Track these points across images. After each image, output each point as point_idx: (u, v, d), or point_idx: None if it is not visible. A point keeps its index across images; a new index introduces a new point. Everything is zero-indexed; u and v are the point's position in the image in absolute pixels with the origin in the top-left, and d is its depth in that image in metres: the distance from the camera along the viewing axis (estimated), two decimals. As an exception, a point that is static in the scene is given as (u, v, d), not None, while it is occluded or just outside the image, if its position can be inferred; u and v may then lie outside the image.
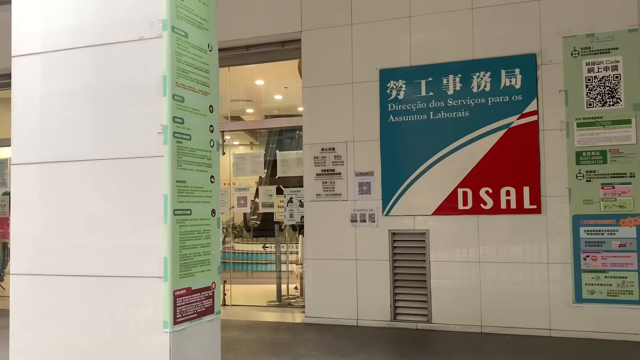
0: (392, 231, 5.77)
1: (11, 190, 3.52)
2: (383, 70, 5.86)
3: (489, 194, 5.44)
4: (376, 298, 5.80)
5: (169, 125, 3.15)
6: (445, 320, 5.56)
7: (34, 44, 3.53)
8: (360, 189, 5.89)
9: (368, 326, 5.78)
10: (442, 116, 5.63)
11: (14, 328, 3.47)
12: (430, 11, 5.73)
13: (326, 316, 5.97)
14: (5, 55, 7.65)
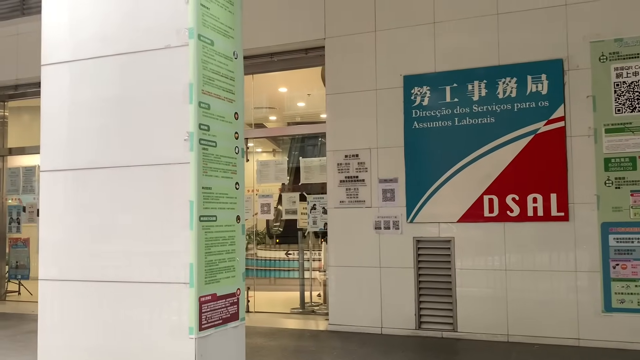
0: (417, 238, 5.73)
1: (40, 196, 3.57)
2: (407, 77, 5.84)
3: (515, 201, 5.38)
4: (400, 306, 5.75)
5: (195, 132, 3.17)
6: (471, 329, 5.49)
7: (62, 52, 3.59)
8: (384, 196, 5.86)
9: (392, 334, 5.73)
10: (467, 122, 5.58)
11: (41, 332, 3.51)
12: (455, 17, 5.70)
13: (350, 324, 5.93)
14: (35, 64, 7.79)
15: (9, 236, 8.60)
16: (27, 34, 7.83)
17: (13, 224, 8.51)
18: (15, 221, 8.50)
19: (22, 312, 7.52)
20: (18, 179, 8.50)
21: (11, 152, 8.76)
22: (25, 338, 5.79)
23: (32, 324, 6.56)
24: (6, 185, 8.63)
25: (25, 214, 8.45)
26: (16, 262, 8.47)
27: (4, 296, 8.61)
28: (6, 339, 5.75)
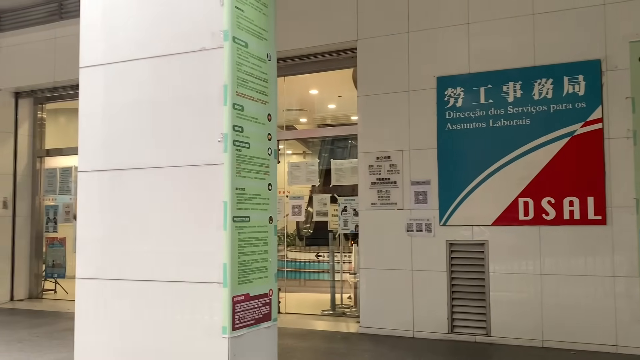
0: (450, 241, 5.67)
1: (78, 196, 3.63)
2: (441, 78, 5.79)
3: (551, 204, 5.28)
4: (433, 309, 5.70)
5: (229, 134, 3.20)
6: (505, 334, 5.41)
7: (99, 55, 3.65)
8: (417, 198, 5.81)
9: (424, 338, 5.68)
10: (502, 124, 5.51)
11: (78, 330, 3.56)
12: (489, 18, 5.63)
13: (381, 326, 5.90)
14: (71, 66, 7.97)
15: (46, 235, 8.78)
16: (64, 37, 7.99)
17: (50, 223, 8.70)
18: (52, 221, 8.68)
19: (58, 310, 7.68)
20: (55, 180, 8.69)
21: (49, 153, 8.95)
22: (61, 336, 5.91)
23: (68, 322, 6.69)
24: (43, 185, 8.82)
25: (61, 214, 8.63)
26: (53, 261, 8.65)
27: (41, 294, 8.80)
28: (43, 337, 5.87)
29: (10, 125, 8.65)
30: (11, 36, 8.31)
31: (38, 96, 8.79)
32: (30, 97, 8.81)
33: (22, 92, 8.74)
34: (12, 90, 8.66)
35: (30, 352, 5.19)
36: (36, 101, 8.90)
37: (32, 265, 8.76)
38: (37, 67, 8.27)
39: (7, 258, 8.49)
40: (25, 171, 8.75)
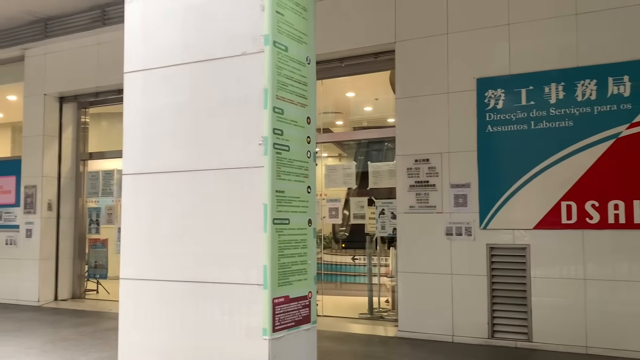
0: (490, 245, 5.59)
1: (122, 199, 3.71)
2: (481, 80, 5.72)
3: (595, 207, 5.16)
4: (472, 314, 5.62)
5: (269, 137, 3.22)
6: (547, 339, 5.30)
7: (142, 60, 3.72)
8: (456, 201, 5.75)
9: (464, 342, 5.61)
10: (543, 126, 5.41)
11: (122, 330, 3.64)
12: (530, 18, 5.54)
13: (420, 331, 5.85)
14: (114, 71, 8.16)
15: (88, 237, 8.99)
16: (107, 43, 8.19)
17: (92, 225, 8.90)
18: (94, 222, 8.88)
19: (101, 310, 7.85)
20: (97, 182, 8.89)
21: (91, 157, 9.16)
22: (104, 335, 6.03)
23: (110, 321, 6.85)
24: (87, 188, 9.04)
25: (104, 216, 8.82)
26: (95, 262, 8.85)
27: (84, 294, 9.01)
28: (87, 336, 6.01)
29: (55, 129, 8.89)
30: (56, 42, 8.54)
31: (81, 101, 9.01)
32: (74, 102, 9.03)
33: (67, 97, 8.97)
34: (57, 95, 8.89)
35: (74, 350, 5.31)
36: (80, 106, 9.12)
37: (75, 266, 8.98)
38: (81, 72, 8.48)
39: (52, 259, 8.72)
40: (69, 174, 8.98)
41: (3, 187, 9.18)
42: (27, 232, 8.66)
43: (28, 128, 8.85)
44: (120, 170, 8.45)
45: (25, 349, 5.36)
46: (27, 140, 8.82)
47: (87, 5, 7.94)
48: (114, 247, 8.59)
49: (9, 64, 9.32)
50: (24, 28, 8.59)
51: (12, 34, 8.72)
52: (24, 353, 5.19)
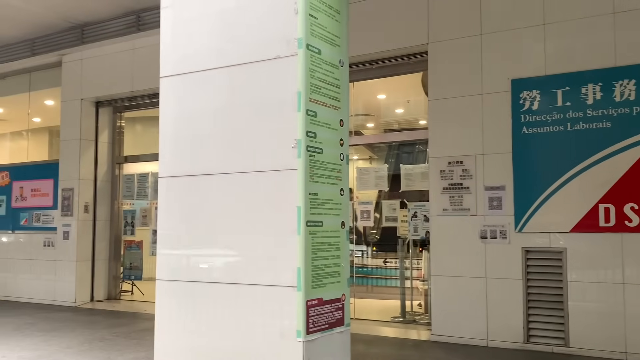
0: (526, 249, 5.50)
1: (158, 201, 3.76)
2: (515, 80, 5.64)
3: (634, 210, 5.03)
4: (507, 318, 5.54)
5: (303, 140, 3.23)
6: (585, 345, 5.19)
7: (178, 65, 3.77)
8: (491, 204, 5.68)
9: (498, 347, 5.53)
10: (580, 127, 5.31)
11: (158, 330, 3.68)
12: (566, 18, 5.45)
13: (453, 335, 5.79)
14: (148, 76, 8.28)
15: (124, 239, 9.14)
16: (141, 48, 8.33)
17: (128, 227, 9.05)
18: (129, 225, 9.03)
19: (136, 311, 7.97)
20: (133, 185, 9.03)
21: (127, 160, 9.32)
22: (139, 336, 6.12)
23: (145, 322, 6.95)
24: (122, 191, 9.19)
25: (139, 218, 8.96)
26: (130, 264, 8.99)
27: (119, 295, 9.15)
28: (122, 336, 6.10)
29: (92, 133, 9.07)
30: (92, 48, 8.72)
31: (117, 105, 9.18)
32: (110, 106, 9.20)
33: (102, 102, 9.14)
34: (93, 99, 9.07)
35: (110, 350, 5.40)
36: (115, 110, 9.29)
37: (111, 267, 9.14)
38: (116, 77, 8.64)
39: (88, 260, 8.89)
40: (105, 177, 9.15)
41: (41, 190, 9.40)
42: (64, 234, 8.84)
43: (65, 132, 9.04)
44: (154, 173, 8.65)
45: (64, 349, 5.47)
46: (65, 144, 9.01)
47: (122, 12, 8.09)
48: (149, 249, 8.73)
49: (47, 69, 9.55)
50: (61, 34, 8.80)
51: (50, 41, 8.94)
52: (62, 352, 5.30)
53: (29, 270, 9.23)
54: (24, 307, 8.38)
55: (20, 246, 9.45)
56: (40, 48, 9.07)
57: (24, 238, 9.45)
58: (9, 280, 9.44)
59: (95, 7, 7.87)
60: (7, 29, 8.65)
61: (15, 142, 11.84)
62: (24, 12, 7.97)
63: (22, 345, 5.60)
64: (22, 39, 9.13)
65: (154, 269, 3.79)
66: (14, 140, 11.92)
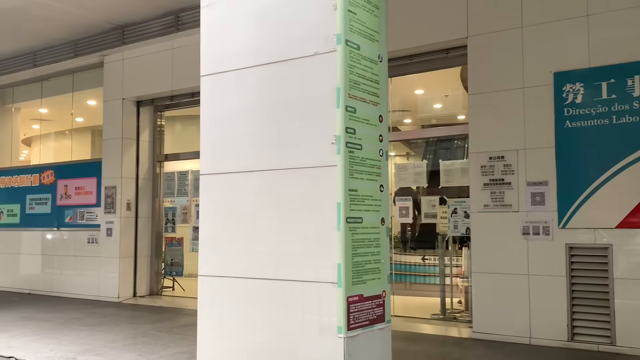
0: (570, 245, 5.38)
1: (200, 198, 3.81)
2: (558, 73, 5.51)
3: (684, 205, 4.88)
4: (551, 316, 5.43)
5: (342, 136, 3.23)
6: (632, 344, 5.05)
7: (218, 64, 3.80)
8: (533, 200, 5.57)
9: (542, 345, 5.42)
10: (626, 120, 5.16)
11: (200, 326, 3.73)
12: (611, 8, 5.29)
13: (495, 332, 5.70)
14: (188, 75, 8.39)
15: (165, 236, 9.30)
16: (181, 48, 8.44)
17: (169, 224, 9.20)
18: (170, 222, 9.18)
19: (177, 307, 8.10)
20: (173, 183, 9.17)
21: (167, 158, 9.47)
22: (181, 331, 6.22)
23: (187, 318, 7.05)
24: (163, 188, 9.35)
25: (179, 215, 9.10)
26: (171, 260, 9.14)
27: (160, 291, 9.32)
28: (164, 332, 6.21)
29: (133, 132, 9.24)
30: (133, 48, 8.88)
31: (157, 104, 9.32)
32: (151, 106, 9.36)
33: (143, 101, 9.30)
34: (134, 99, 9.24)
35: (154, 345, 5.50)
36: (156, 109, 9.44)
37: (153, 263, 9.30)
38: (156, 77, 8.78)
39: (131, 257, 9.07)
40: (146, 175, 9.31)
41: (85, 188, 9.62)
42: (107, 231, 9.04)
43: (107, 131, 9.24)
44: (194, 171, 8.76)
45: (109, 343, 5.60)
46: (107, 143, 9.21)
47: (161, 12, 8.21)
48: (189, 246, 8.85)
49: (89, 70, 9.77)
50: (103, 35, 8.99)
51: (92, 42, 9.15)
52: (107, 347, 5.43)
53: (74, 266, 9.48)
54: (70, 303, 8.61)
55: (65, 243, 9.71)
56: (82, 49, 9.29)
57: (68, 235, 9.71)
58: (55, 277, 9.71)
59: (135, 8, 8.02)
60: (51, 31, 8.89)
61: (59, 141, 12.16)
62: (67, 15, 8.16)
63: (69, 339, 5.76)
64: (66, 41, 9.37)
65: (194, 265, 3.84)
66: (58, 139, 12.25)
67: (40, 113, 11.67)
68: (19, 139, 11.96)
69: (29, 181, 10.46)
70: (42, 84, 10.69)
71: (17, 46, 9.69)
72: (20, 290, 10.08)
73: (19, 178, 10.66)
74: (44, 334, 6.07)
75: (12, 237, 10.48)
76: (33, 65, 9.97)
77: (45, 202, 10.15)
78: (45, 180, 10.21)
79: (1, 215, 10.82)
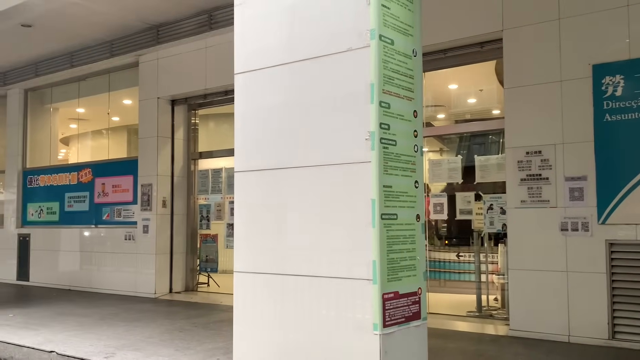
0: (610, 241, 5.25)
1: (235, 195, 3.83)
2: (596, 66, 5.38)
3: None
4: (590, 313, 5.31)
5: (376, 132, 3.20)
6: (676, 343, 4.92)
7: (252, 61, 3.82)
8: (572, 195, 5.45)
9: (581, 343, 5.31)
10: (670, 113, 5.02)
11: (236, 322, 3.76)
12: (653, -3, 5.14)
13: (533, 330, 5.61)
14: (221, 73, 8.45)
15: (200, 232, 9.41)
16: (214, 46, 8.51)
17: (203, 221, 9.30)
18: (205, 219, 9.28)
19: (212, 303, 8.19)
20: (207, 180, 9.27)
21: (201, 156, 9.57)
22: (216, 326, 6.28)
23: (222, 313, 7.12)
24: (197, 186, 9.46)
25: (213, 212, 9.19)
26: (206, 256, 9.24)
27: (196, 287, 9.43)
28: (200, 327, 6.28)
29: (168, 130, 9.36)
30: (167, 48, 8.99)
31: (191, 103, 9.42)
32: (185, 104, 9.47)
33: (178, 100, 9.42)
34: (169, 98, 9.35)
35: (190, 340, 5.57)
36: (189, 108, 9.54)
37: (188, 260, 9.42)
38: (190, 75, 8.88)
39: (167, 253, 9.20)
40: (181, 173, 9.43)
41: (122, 186, 9.80)
42: (144, 227, 9.18)
43: (143, 130, 9.38)
44: (227, 169, 8.83)
45: (146, 338, 5.69)
46: (143, 142, 9.35)
47: (194, 11, 8.30)
48: (224, 242, 8.94)
49: (125, 70, 9.94)
50: (138, 35, 9.13)
51: (127, 42, 9.30)
52: (145, 342, 5.51)
53: (111, 263, 9.66)
54: (108, 298, 8.79)
55: (103, 240, 9.91)
56: (118, 49, 9.45)
57: (106, 232, 9.90)
58: (93, 273, 9.91)
59: (169, 7, 8.11)
60: (88, 31, 9.06)
61: (96, 140, 12.42)
62: (104, 15, 8.31)
63: (108, 334, 5.87)
64: (102, 41, 9.54)
65: (228, 261, 3.87)
66: (95, 138, 12.51)
67: (78, 112, 11.93)
68: (57, 138, 12.23)
69: (68, 179, 10.70)
70: (79, 84, 10.92)
71: (55, 47, 9.92)
72: (59, 286, 10.32)
73: (57, 176, 10.91)
74: (83, 329, 6.21)
75: (51, 235, 10.74)
76: (70, 65, 10.19)
77: (84, 200, 10.37)
78: (83, 178, 10.43)
79: (41, 213, 11.10)
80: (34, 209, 11.24)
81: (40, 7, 7.96)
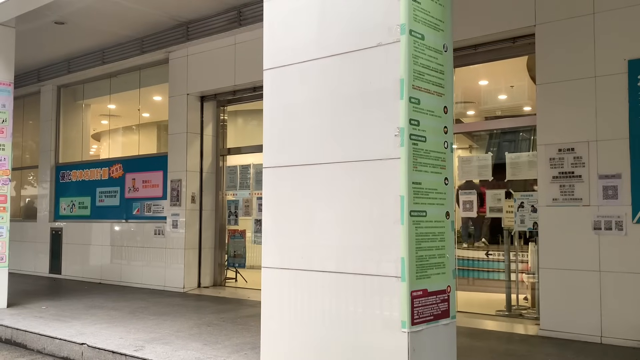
0: (645, 241, 5.14)
1: (263, 191, 3.84)
2: (633, 61, 5.24)
3: None
4: (624, 314, 5.19)
5: (406, 128, 3.18)
6: None
7: (281, 57, 3.82)
8: (605, 193, 5.33)
9: (614, 344, 5.20)
10: None
11: (264, 317, 3.77)
12: (692, -10, 4.99)
13: (563, 330, 5.51)
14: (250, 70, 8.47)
15: (228, 228, 9.46)
16: (243, 43, 8.53)
17: (231, 217, 9.36)
18: (233, 214, 9.33)
19: (240, 298, 8.24)
20: (235, 176, 9.32)
21: (230, 152, 9.62)
22: (244, 322, 6.32)
23: (250, 309, 7.16)
24: (226, 182, 9.52)
25: (241, 208, 9.23)
26: (234, 252, 9.30)
27: (224, 282, 9.49)
28: (228, 322, 6.32)
29: (197, 127, 9.43)
30: (197, 44, 9.05)
31: (220, 99, 9.48)
32: (214, 100, 9.52)
33: (207, 96, 9.47)
34: (198, 94, 9.42)
35: (218, 335, 5.61)
36: (219, 104, 9.60)
37: (216, 255, 9.49)
38: (219, 72, 8.92)
39: (195, 248, 9.28)
40: (210, 168, 9.50)
41: (152, 182, 9.91)
42: (173, 223, 9.28)
43: (173, 126, 9.47)
44: (255, 165, 8.86)
45: (175, 332, 5.75)
46: (172, 138, 9.44)
47: (224, 8, 8.33)
48: (251, 238, 8.98)
49: (155, 66, 10.05)
50: (168, 32, 9.21)
51: (157, 39, 9.39)
52: (174, 336, 5.57)
53: (141, 257, 9.78)
54: (138, 292, 8.90)
55: (133, 235, 10.04)
56: (148, 46, 9.55)
57: (136, 227, 10.03)
58: (123, 267, 10.06)
59: (199, 4, 8.17)
60: (120, 28, 9.18)
61: (127, 136, 12.59)
62: (135, 12, 8.40)
63: (137, 328, 5.95)
64: (133, 38, 9.65)
65: (256, 257, 3.88)
66: (125, 134, 12.67)
67: (109, 109, 12.11)
68: (89, 134, 12.42)
69: (99, 175, 10.87)
70: (110, 80, 11.07)
71: (87, 44, 10.07)
72: (90, 279, 10.51)
73: (89, 172, 11.09)
74: (113, 322, 6.30)
75: (83, 229, 10.93)
76: (102, 62, 10.34)
77: (114, 195, 10.52)
78: (114, 174, 10.58)
79: (73, 208, 11.30)
80: (66, 204, 11.45)
81: (72, 4, 8.09)
